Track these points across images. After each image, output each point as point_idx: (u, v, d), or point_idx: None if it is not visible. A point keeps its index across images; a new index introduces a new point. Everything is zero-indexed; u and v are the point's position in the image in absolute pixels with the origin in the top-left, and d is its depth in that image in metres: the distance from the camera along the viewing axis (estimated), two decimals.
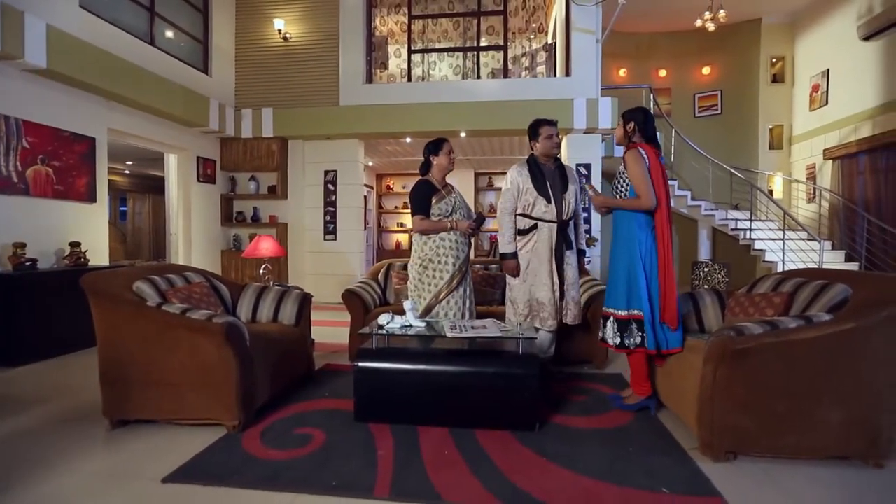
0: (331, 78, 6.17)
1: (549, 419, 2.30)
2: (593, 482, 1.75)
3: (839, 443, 1.83)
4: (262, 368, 2.38)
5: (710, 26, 6.70)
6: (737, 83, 7.94)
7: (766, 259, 6.25)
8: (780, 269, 5.85)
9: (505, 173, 10.01)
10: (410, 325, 2.47)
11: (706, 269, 5.45)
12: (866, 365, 1.80)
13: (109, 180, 4.77)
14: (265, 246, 3.71)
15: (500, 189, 9.88)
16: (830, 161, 6.89)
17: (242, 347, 2.21)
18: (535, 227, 2.71)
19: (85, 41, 4.05)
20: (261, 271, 3.72)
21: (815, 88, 7.24)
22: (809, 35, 7.38)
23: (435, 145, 2.80)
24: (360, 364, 2.30)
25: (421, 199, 2.71)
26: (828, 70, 6.99)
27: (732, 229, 6.78)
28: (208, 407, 2.18)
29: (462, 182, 9.51)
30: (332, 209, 6.42)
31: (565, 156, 6.07)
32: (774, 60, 7.76)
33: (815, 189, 7.14)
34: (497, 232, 3.03)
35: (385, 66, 6.80)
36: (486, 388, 2.20)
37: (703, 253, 6.99)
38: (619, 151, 5.85)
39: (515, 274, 2.76)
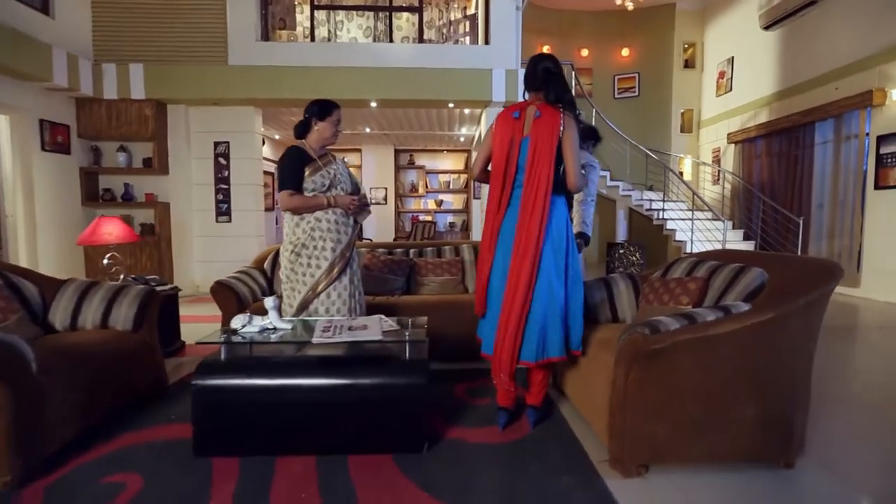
0: (217, 31, 5.24)
1: (443, 434, 1.93)
2: None
3: (753, 444, 1.65)
4: (63, 398, 1.75)
5: (630, 5, 6.66)
6: (653, 66, 8.09)
7: (677, 238, 6.45)
8: (688, 249, 6.04)
9: (428, 150, 9.53)
10: (273, 328, 1.96)
11: (621, 251, 5.45)
12: (783, 355, 1.63)
13: None
14: (108, 230, 2.93)
15: (422, 167, 9.35)
16: (733, 145, 7.25)
17: (21, 376, 1.58)
18: None
19: None
20: (104, 262, 2.96)
21: (722, 75, 7.54)
22: (717, 23, 7.65)
23: (322, 107, 2.24)
24: (199, 382, 1.76)
25: (291, 171, 2.17)
26: (732, 57, 7.28)
27: (647, 210, 6.93)
28: None
29: (381, 160, 8.90)
30: (224, 186, 5.59)
31: (484, 130, 5.74)
32: (686, 46, 7.98)
33: (719, 171, 7.50)
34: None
35: (285, 22, 5.96)
36: (363, 404, 1.77)
37: (621, 233, 7.11)
38: None
39: None
